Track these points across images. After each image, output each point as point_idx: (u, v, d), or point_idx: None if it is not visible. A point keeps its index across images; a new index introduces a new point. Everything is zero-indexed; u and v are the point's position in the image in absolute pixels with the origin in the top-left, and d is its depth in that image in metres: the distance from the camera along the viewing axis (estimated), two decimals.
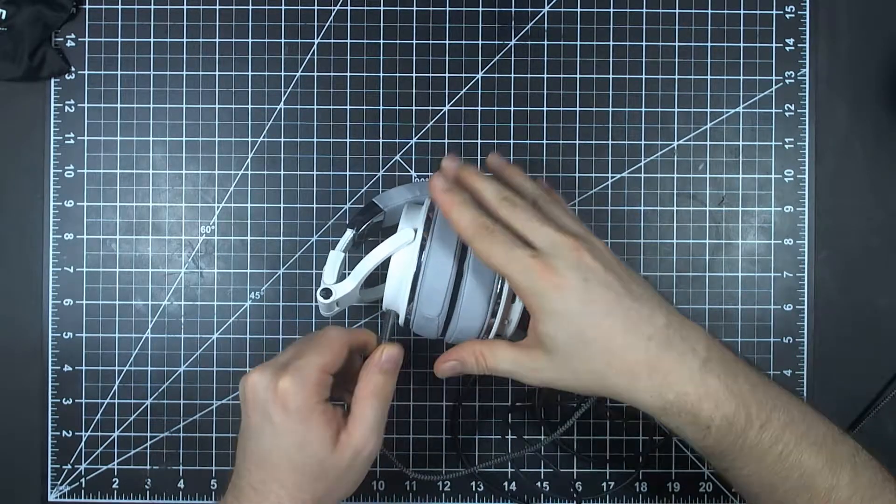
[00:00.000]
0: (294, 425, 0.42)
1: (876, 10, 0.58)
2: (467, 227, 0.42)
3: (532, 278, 0.41)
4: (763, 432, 0.41)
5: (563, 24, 0.58)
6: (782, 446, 0.41)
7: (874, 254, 0.58)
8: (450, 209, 0.43)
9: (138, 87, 0.58)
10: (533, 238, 0.42)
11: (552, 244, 0.42)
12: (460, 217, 0.43)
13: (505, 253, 0.41)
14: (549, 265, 0.41)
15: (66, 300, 0.57)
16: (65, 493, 0.57)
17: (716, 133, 0.58)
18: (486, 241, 0.42)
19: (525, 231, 0.42)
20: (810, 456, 0.41)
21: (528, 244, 0.42)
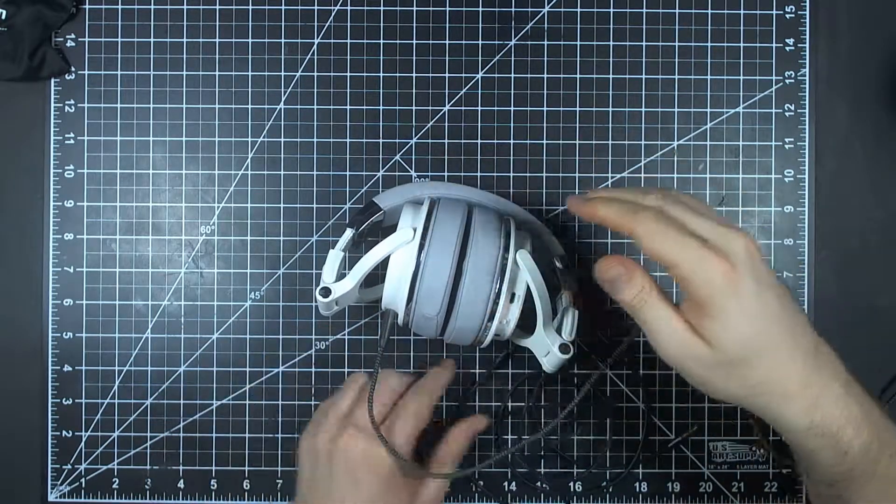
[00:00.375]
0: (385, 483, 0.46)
1: (876, 10, 0.58)
2: (625, 217, 0.39)
3: (707, 269, 0.37)
4: (893, 461, 0.40)
5: (563, 24, 0.58)
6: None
7: (874, 254, 0.58)
8: (595, 209, 0.40)
9: (138, 87, 0.58)
10: (699, 229, 0.39)
11: (724, 236, 0.39)
12: (612, 209, 0.40)
13: (678, 237, 0.38)
14: (724, 258, 0.37)
15: (66, 300, 0.57)
16: (65, 493, 0.57)
17: (716, 133, 0.58)
18: (652, 227, 0.38)
19: (686, 222, 0.39)
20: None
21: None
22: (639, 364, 0.57)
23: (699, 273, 0.37)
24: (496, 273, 0.46)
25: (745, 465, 0.57)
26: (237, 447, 0.57)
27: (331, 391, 0.57)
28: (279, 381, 0.57)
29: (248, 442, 0.57)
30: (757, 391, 0.39)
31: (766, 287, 0.39)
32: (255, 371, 0.57)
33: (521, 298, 0.47)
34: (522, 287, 0.47)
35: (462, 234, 0.46)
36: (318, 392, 0.57)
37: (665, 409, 0.58)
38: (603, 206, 0.40)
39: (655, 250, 0.38)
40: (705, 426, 0.57)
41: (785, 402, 0.39)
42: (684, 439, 0.57)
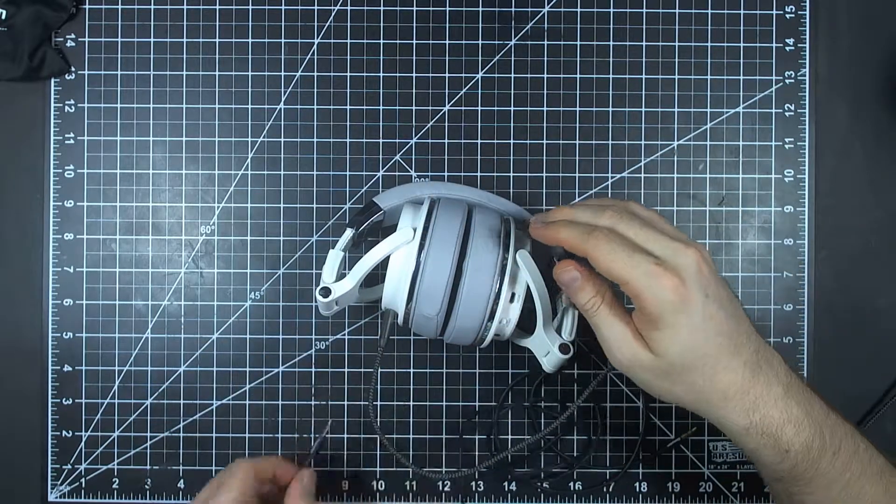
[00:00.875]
0: None
1: (876, 10, 0.58)
2: (580, 238, 0.42)
3: (658, 288, 0.40)
4: (835, 459, 0.42)
5: (563, 24, 0.58)
6: (850, 474, 0.42)
7: (874, 254, 0.58)
8: (556, 235, 0.43)
9: (138, 87, 0.58)
10: (650, 247, 0.41)
11: (673, 252, 0.41)
12: (569, 233, 0.42)
13: (627, 258, 0.40)
14: (675, 276, 0.40)
15: (66, 300, 0.57)
16: (65, 493, 0.57)
17: (716, 133, 0.58)
18: (604, 248, 0.41)
19: (639, 240, 0.42)
20: (872, 486, 0.42)
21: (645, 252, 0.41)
22: None
23: (649, 290, 0.40)
24: (496, 273, 0.46)
25: (745, 465, 0.57)
26: (237, 447, 0.57)
27: (330, 391, 0.57)
28: (279, 381, 0.57)
29: (248, 442, 0.57)
30: (701, 397, 0.42)
31: (713, 300, 0.41)
32: (255, 371, 0.57)
33: (521, 298, 0.47)
34: (522, 287, 0.47)
35: (462, 234, 0.46)
36: (317, 392, 0.57)
37: (665, 409, 0.58)
38: (563, 229, 0.43)
39: (608, 270, 0.41)
40: (705, 426, 0.57)
41: (725, 404, 0.42)
42: (684, 439, 0.57)
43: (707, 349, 0.41)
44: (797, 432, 0.42)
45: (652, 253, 0.41)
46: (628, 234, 0.42)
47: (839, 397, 0.57)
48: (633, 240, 0.41)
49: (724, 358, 0.41)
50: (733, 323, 0.42)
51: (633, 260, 0.40)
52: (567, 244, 0.42)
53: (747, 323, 0.43)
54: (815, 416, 0.42)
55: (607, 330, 0.43)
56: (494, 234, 0.47)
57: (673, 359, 0.41)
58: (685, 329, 0.40)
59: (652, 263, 0.40)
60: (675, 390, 0.42)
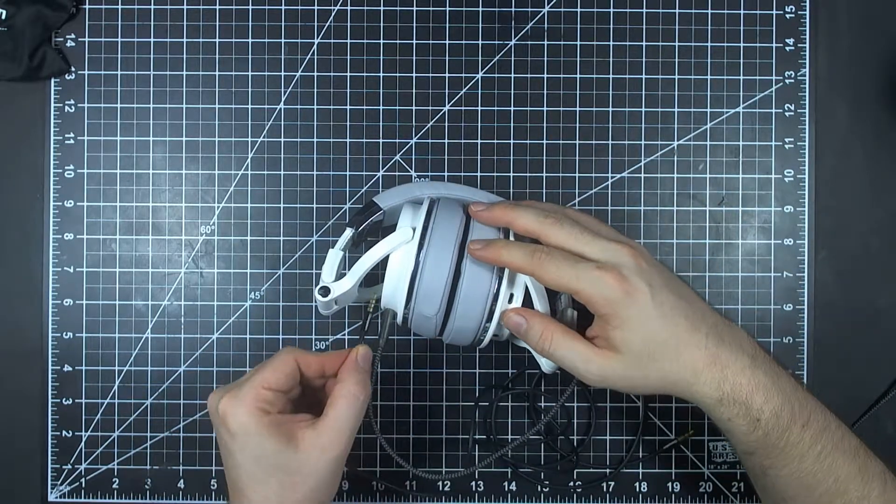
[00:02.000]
0: (243, 440, 0.43)
1: (876, 10, 0.58)
2: (524, 260, 0.44)
3: (604, 288, 0.43)
4: (805, 431, 0.43)
5: (563, 24, 0.58)
6: (821, 447, 0.43)
7: (874, 254, 0.58)
8: (498, 256, 0.45)
9: (138, 87, 0.58)
10: (588, 251, 0.44)
11: (612, 253, 0.44)
12: (512, 257, 0.44)
13: (571, 270, 0.43)
14: (616, 273, 0.43)
15: (66, 300, 0.57)
16: (65, 493, 0.57)
17: (716, 133, 0.58)
18: (549, 266, 0.43)
19: (578, 247, 0.44)
20: (845, 461, 0.44)
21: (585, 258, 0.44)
22: None
23: (598, 293, 0.43)
24: (495, 273, 0.46)
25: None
26: None
27: None
28: None
29: None
30: (672, 378, 0.44)
31: (659, 287, 0.44)
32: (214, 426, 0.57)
33: (520, 299, 0.47)
34: (521, 288, 0.47)
35: (461, 235, 0.46)
36: None
37: (665, 410, 0.58)
38: (504, 251, 0.45)
39: (557, 285, 0.44)
40: (705, 426, 0.57)
41: (696, 379, 0.44)
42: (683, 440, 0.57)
43: (665, 333, 0.43)
44: (766, 399, 0.43)
45: (592, 258, 0.44)
46: (569, 241, 0.44)
47: (839, 397, 0.57)
48: (573, 248, 0.44)
49: (684, 336, 0.43)
50: (684, 304, 0.44)
51: (577, 270, 0.43)
52: (511, 266, 0.45)
53: (700, 302, 0.46)
54: (783, 387, 0.44)
55: (568, 355, 0.45)
56: (493, 233, 0.47)
57: (637, 350, 0.43)
58: (638, 320, 0.43)
59: (594, 268, 0.43)
60: (650, 379, 0.44)
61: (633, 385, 0.45)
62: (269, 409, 0.43)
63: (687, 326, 0.44)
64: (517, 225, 0.46)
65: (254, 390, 0.43)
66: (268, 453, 0.42)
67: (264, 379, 0.44)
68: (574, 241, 0.44)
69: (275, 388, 0.44)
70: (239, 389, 0.43)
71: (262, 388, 0.43)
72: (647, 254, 0.45)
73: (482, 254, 0.45)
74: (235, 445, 0.43)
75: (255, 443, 0.42)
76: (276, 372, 0.44)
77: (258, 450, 0.42)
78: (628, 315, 0.43)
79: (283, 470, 0.43)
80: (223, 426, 0.43)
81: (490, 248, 0.45)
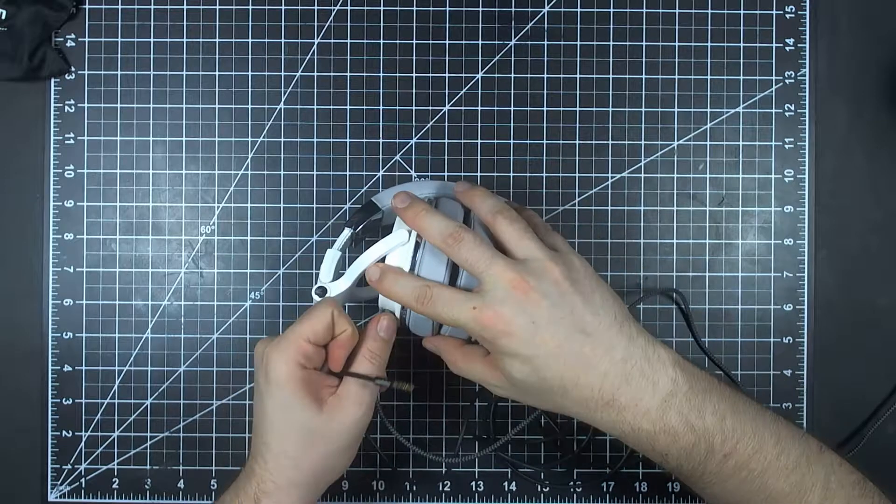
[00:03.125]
0: (276, 390, 0.44)
1: (876, 10, 0.58)
2: (408, 298, 0.44)
3: (481, 327, 0.41)
4: (726, 462, 0.41)
5: (563, 24, 0.58)
6: (746, 472, 0.42)
7: (874, 254, 0.58)
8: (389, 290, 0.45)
9: (138, 87, 0.58)
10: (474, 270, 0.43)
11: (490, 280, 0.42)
12: (400, 291, 0.44)
13: (449, 311, 0.42)
14: (494, 312, 0.41)
15: (66, 300, 0.57)
16: (65, 493, 0.57)
17: (716, 133, 0.58)
18: (428, 306, 0.43)
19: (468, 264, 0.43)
20: (777, 480, 0.42)
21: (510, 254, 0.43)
22: None
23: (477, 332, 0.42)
24: None
25: None
26: (237, 447, 0.57)
27: None
28: None
29: (248, 442, 0.57)
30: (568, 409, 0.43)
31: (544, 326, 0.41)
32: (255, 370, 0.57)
33: None
34: None
35: None
36: None
37: None
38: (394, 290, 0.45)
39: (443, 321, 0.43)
40: None
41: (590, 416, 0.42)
42: None
43: (547, 372, 0.41)
44: (674, 441, 0.41)
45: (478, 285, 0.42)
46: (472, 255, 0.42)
47: (839, 397, 0.57)
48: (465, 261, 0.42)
49: (570, 374, 0.41)
50: (581, 337, 0.41)
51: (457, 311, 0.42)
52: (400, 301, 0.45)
53: (615, 329, 0.42)
54: (701, 424, 0.41)
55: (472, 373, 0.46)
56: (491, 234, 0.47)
57: (518, 382, 0.43)
58: (517, 357, 0.42)
59: (472, 310, 0.41)
60: (546, 405, 0.44)
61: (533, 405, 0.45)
62: (307, 364, 0.44)
63: (576, 365, 0.41)
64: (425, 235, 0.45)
65: (295, 343, 0.44)
66: (294, 408, 0.44)
67: (305, 332, 0.44)
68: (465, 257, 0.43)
69: (314, 341, 0.44)
70: (284, 340, 0.44)
71: (303, 340, 0.44)
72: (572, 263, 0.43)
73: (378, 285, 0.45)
74: (268, 392, 0.44)
75: (286, 395, 0.44)
76: (315, 325, 0.44)
77: (286, 402, 0.44)
78: (505, 352, 0.42)
79: (304, 428, 0.44)
80: (262, 372, 0.45)
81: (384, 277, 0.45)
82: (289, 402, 0.44)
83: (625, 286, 0.58)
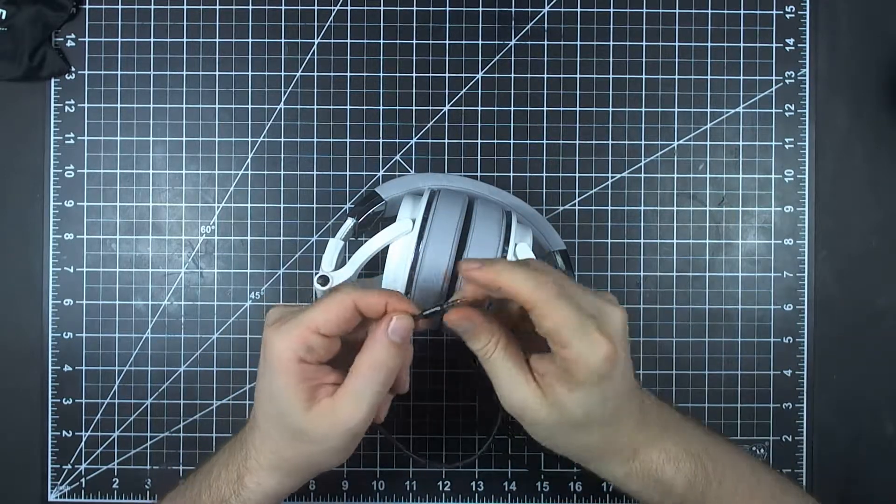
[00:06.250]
0: (269, 375, 0.40)
1: (876, 10, 0.58)
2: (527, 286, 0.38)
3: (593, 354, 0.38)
4: (721, 488, 0.42)
5: (563, 24, 0.58)
6: (739, 498, 0.43)
7: (874, 254, 0.58)
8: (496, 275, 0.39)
9: (138, 87, 0.58)
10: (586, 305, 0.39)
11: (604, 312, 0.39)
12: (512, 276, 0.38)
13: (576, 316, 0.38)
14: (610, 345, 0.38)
15: (66, 300, 0.57)
16: (65, 493, 0.57)
17: (716, 133, 0.58)
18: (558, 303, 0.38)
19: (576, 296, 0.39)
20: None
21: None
22: (637, 365, 0.57)
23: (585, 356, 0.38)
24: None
25: None
26: None
27: None
28: None
29: None
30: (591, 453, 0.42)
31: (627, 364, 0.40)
32: (255, 371, 0.57)
33: None
34: None
35: (461, 226, 0.46)
36: None
37: None
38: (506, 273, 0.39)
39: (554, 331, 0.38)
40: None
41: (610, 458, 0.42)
42: None
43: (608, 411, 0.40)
44: (677, 469, 0.42)
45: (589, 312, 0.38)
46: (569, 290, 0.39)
47: (839, 397, 0.57)
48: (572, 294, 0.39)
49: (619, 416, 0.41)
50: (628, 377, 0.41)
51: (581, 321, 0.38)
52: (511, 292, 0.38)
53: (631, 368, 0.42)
54: (695, 451, 0.42)
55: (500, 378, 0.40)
56: (495, 226, 0.47)
57: (577, 417, 0.39)
58: (603, 394, 0.39)
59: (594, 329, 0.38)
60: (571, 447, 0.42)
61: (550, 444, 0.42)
62: (307, 357, 0.40)
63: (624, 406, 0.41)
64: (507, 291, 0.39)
65: (300, 329, 0.40)
66: (282, 402, 0.40)
67: (316, 320, 0.40)
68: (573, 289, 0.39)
69: (325, 332, 0.40)
70: (290, 324, 0.40)
71: (311, 331, 0.40)
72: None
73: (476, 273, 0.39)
74: (263, 373, 0.41)
75: (278, 385, 0.40)
76: (328, 314, 0.40)
77: (277, 392, 0.40)
78: (599, 387, 0.39)
79: (289, 426, 0.41)
80: (264, 348, 0.41)
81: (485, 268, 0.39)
82: (279, 394, 0.40)
83: (625, 286, 0.58)
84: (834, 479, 0.57)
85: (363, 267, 0.48)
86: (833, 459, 0.57)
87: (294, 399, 0.40)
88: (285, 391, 0.40)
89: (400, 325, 0.40)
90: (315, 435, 0.41)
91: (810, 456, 0.57)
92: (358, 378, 0.40)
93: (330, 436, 0.41)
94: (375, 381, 0.40)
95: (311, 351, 0.40)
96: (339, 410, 0.40)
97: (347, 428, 0.40)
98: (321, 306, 0.40)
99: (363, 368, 0.40)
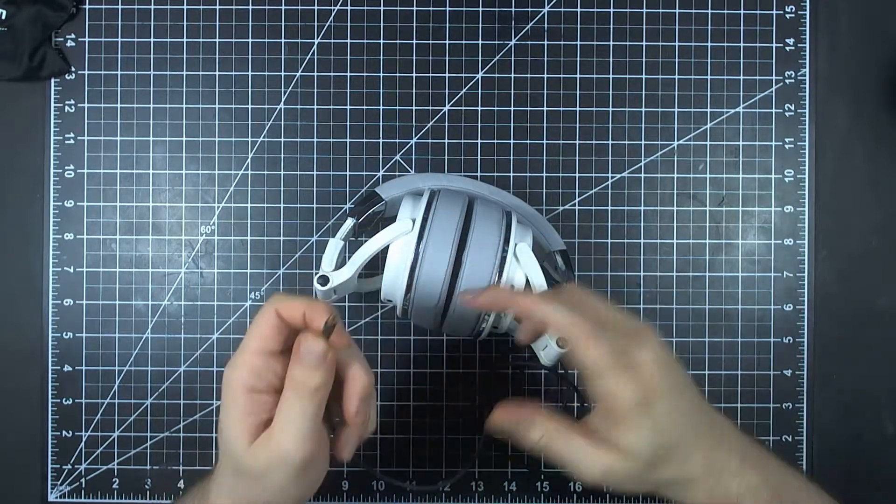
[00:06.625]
0: (222, 409, 0.38)
1: (876, 10, 0.58)
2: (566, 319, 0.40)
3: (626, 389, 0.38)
4: None
5: (563, 24, 0.58)
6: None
7: (874, 254, 0.58)
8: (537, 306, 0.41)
9: (138, 87, 0.58)
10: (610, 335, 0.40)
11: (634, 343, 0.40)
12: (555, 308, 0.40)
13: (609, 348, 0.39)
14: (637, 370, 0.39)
15: (66, 300, 0.57)
16: (65, 493, 0.57)
17: (716, 133, 0.58)
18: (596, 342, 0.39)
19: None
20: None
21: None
22: None
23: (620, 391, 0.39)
24: (495, 265, 0.46)
25: None
26: None
27: None
28: None
29: None
30: (670, 485, 0.41)
31: (677, 390, 0.40)
32: None
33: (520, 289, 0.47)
34: (521, 280, 0.47)
35: (462, 226, 0.46)
36: None
37: None
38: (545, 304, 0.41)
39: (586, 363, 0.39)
40: None
41: (692, 486, 0.41)
42: None
43: (673, 439, 0.40)
44: (756, 499, 0.41)
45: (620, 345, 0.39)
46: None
47: (839, 397, 0.57)
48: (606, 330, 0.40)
49: (690, 442, 0.40)
50: (694, 403, 0.41)
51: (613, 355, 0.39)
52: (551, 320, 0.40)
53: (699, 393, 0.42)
54: (773, 481, 0.41)
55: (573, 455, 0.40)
56: (495, 226, 0.47)
57: (642, 456, 0.39)
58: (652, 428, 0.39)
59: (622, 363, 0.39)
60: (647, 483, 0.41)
61: (629, 488, 0.41)
62: (258, 384, 0.37)
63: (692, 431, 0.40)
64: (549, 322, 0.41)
65: (244, 356, 0.38)
66: (228, 436, 0.38)
67: (252, 344, 0.38)
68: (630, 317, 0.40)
69: (266, 349, 0.38)
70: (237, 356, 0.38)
71: (251, 353, 0.38)
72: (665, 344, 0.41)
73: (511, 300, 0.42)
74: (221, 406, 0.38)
75: (225, 419, 0.38)
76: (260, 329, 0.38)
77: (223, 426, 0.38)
78: (642, 422, 0.39)
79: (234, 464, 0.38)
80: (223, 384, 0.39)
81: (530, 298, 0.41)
82: (225, 428, 0.38)
83: (625, 286, 0.58)
84: (834, 479, 0.57)
85: (363, 267, 0.48)
86: (833, 459, 0.57)
87: (238, 432, 0.37)
88: (232, 425, 0.37)
89: (307, 347, 0.37)
90: (256, 470, 0.37)
91: (810, 456, 0.57)
92: (283, 402, 0.37)
93: (271, 471, 0.37)
94: (302, 405, 0.37)
95: (259, 377, 0.38)
96: (273, 441, 0.37)
97: (284, 461, 0.37)
98: (252, 325, 0.38)
99: (286, 392, 0.37)
